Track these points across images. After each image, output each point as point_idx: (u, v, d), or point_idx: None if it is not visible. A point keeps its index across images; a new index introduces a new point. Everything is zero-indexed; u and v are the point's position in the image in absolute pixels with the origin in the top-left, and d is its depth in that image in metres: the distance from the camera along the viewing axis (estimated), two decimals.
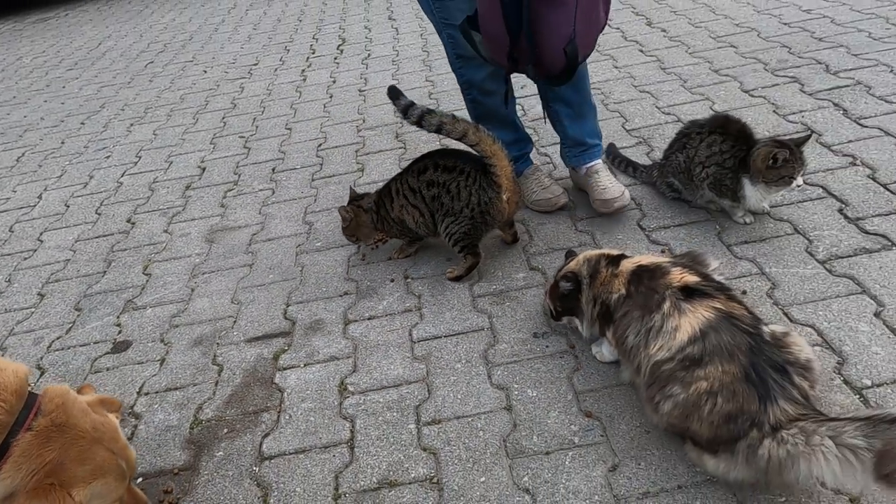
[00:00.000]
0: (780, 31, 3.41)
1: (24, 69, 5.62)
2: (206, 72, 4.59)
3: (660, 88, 3.06)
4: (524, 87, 3.16)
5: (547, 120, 2.30)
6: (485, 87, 2.17)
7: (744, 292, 1.79)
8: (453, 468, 1.47)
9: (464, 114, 2.04)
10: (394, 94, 1.90)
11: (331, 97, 3.73)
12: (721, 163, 1.98)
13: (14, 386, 1.18)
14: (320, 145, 3.16)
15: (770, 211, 2.08)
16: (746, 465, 1.19)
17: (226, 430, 1.68)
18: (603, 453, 1.44)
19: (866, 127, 2.42)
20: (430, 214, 1.96)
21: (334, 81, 3.97)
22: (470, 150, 1.87)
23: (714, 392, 1.21)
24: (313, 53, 4.58)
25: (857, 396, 1.45)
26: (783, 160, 1.84)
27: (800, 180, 1.88)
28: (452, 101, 3.33)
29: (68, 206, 3.01)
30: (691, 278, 1.36)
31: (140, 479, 1.57)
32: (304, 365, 1.84)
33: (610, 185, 2.17)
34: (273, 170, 3.01)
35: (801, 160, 1.87)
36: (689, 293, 1.32)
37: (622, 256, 1.54)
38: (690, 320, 1.28)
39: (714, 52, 3.32)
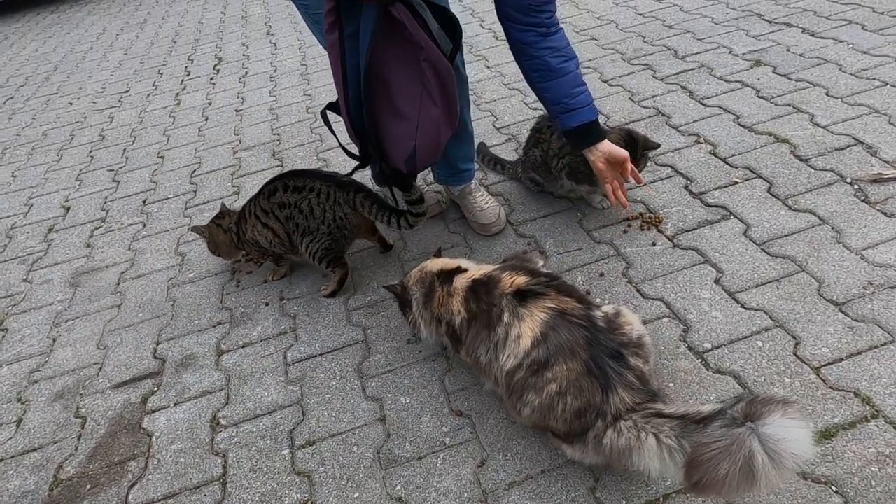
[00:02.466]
0: (635, 21, 3.61)
1: None
2: (71, 104, 4.32)
3: (527, 85, 3.15)
4: None
5: None
6: None
7: (601, 275, 1.88)
8: (327, 488, 1.45)
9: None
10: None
11: (206, 120, 3.61)
12: (573, 151, 2.06)
13: None
14: (194, 171, 3.05)
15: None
16: (595, 453, 1.24)
17: (89, 487, 1.58)
18: (472, 450, 1.47)
19: (709, 106, 2.60)
20: (287, 235, 1.93)
21: (210, 103, 3.84)
22: (319, 168, 1.86)
23: (563, 392, 1.24)
24: (188, 76, 4.40)
25: (699, 360, 1.55)
26: None
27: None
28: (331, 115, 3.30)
29: None
30: (521, 279, 1.38)
31: None
32: (175, 404, 1.76)
33: (486, 206, 2.19)
34: (144, 202, 2.87)
35: (637, 163, 1.95)
36: (522, 297, 1.34)
37: (456, 271, 1.52)
38: (529, 325, 1.30)
39: (577, 46, 3.47)
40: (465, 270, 1.51)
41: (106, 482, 1.58)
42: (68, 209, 2.95)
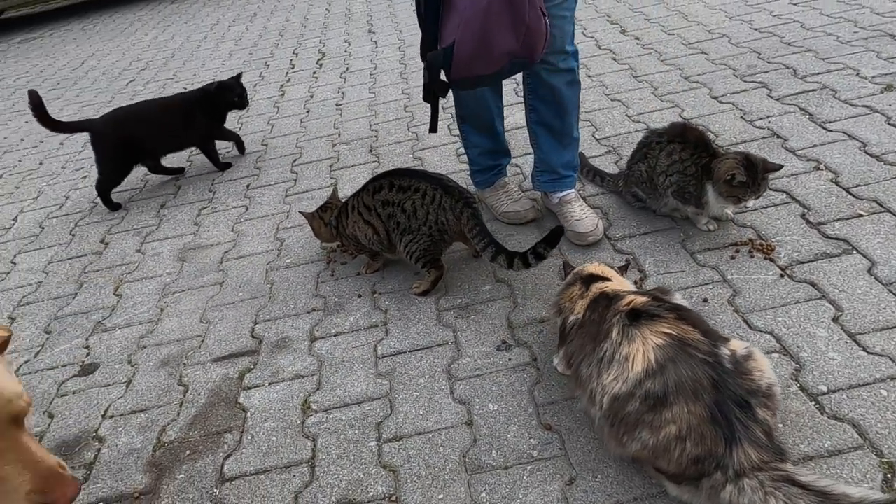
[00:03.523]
0: (750, 36, 3.44)
1: (6, 90, 5.63)
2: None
3: (631, 96, 3.08)
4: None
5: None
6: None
7: (705, 300, 1.80)
8: (412, 486, 1.46)
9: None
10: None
11: (308, 112, 3.75)
12: (683, 170, 1.99)
13: None
14: (295, 161, 3.17)
15: (734, 217, 2.09)
16: (708, 501, 1.18)
17: (188, 452, 1.67)
18: (561, 467, 1.44)
19: (831, 131, 2.43)
20: (387, 233, 1.97)
21: (312, 96, 3.99)
22: (426, 169, 1.87)
23: (683, 437, 1.17)
24: (293, 68, 4.59)
25: (813, 403, 1.45)
26: (739, 182, 1.84)
27: (751, 203, 1.89)
28: (425, 111, 3.34)
29: (43, 228, 3.00)
30: (640, 300, 1.33)
31: None
32: (269, 384, 1.83)
33: (584, 216, 2.13)
34: (247, 186, 3.01)
35: (758, 188, 1.86)
36: (635, 316, 1.29)
37: (602, 279, 1.50)
38: (641, 348, 1.24)
39: (685, 59, 3.35)
40: (609, 280, 1.49)
41: (204, 450, 1.67)
42: (179, 188, 3.14)
